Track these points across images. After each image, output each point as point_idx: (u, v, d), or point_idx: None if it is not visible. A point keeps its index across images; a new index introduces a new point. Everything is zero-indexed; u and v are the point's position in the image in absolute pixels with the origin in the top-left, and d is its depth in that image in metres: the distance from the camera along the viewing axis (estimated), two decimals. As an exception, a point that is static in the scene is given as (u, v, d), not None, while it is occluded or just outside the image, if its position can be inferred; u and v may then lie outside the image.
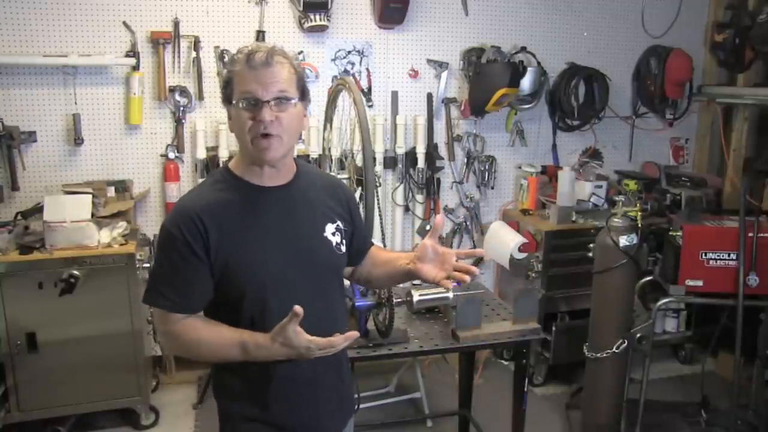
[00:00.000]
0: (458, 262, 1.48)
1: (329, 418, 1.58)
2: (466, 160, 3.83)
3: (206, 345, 1.40)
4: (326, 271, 1.52)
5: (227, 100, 1.44)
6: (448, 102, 3.73)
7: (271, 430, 1.48)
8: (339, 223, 1.56)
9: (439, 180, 3.76)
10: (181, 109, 3.31)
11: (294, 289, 1.43)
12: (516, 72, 3.47)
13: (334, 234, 1.54)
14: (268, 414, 1.48)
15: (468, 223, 3.89)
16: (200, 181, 3.01)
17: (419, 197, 3.72)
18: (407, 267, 1.53)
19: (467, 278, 1.46)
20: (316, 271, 1.49)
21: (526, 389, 2.36)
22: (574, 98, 3.86)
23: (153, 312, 1.43)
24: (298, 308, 1.29)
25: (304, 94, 1.47)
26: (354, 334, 1.39)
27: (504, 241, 3.51)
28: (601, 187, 3.68)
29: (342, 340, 1.36)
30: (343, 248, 1.56)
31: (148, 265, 2.94)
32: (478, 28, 3.73)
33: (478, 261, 3.89)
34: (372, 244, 1.76)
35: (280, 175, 1.48)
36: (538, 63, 3.74)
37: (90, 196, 2.94)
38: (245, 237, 1.41)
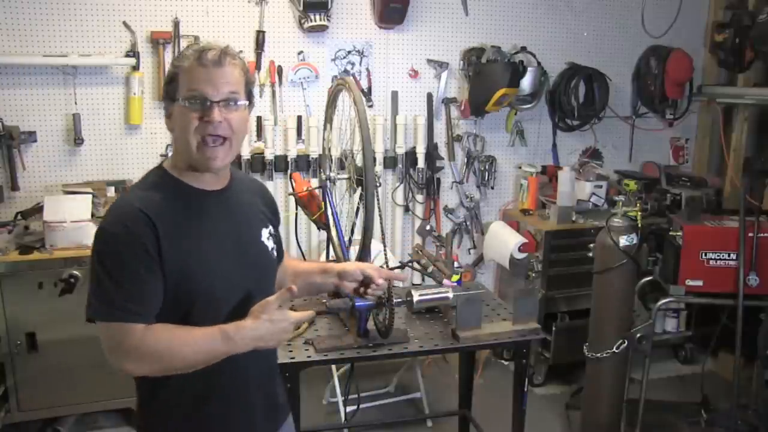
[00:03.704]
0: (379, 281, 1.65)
1: (262, 427, 1.52)
2: (466, 160, 3.83)
3: (187, 345, 1.27)
4: (268, 277, 1.49)
5: (170, 97, 1.35)
6: (448, 102, 3.73)
7: None
8: (271, 228, 1.54)
9: (439, 180, 3.76)
10: (181, 109, 3.31)
11: (245, 297, 1.38)
12: (516, 72, 3.47)
13: (268, 239, 1.50)
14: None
15: (468, 223, 3.89)
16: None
17: (419, 197, 3.72)
18: (323, 282, 1.67)
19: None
20: (261, 276, 1.45)
21: (526, 389, 2.35)
22: (574, 98, 3.86)
23: (104, 331, 1.28)
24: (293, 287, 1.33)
25: (250, 99, 1.40)
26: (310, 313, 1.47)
27: (504, 241, 3.51)
28: (601, 187, 3.68)
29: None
30: (275, 253, 1.53)
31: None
32: (478, 28, 3.73)
33: (479, 261, 3.90)
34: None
35: (219, 179, 1.42)
36: (538, 63, 3.74)
37: (90, 196, 2.94)
38: (192, 242, 1.33)
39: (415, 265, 2.78)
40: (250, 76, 1.40)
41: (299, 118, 3.50)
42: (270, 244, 1.50)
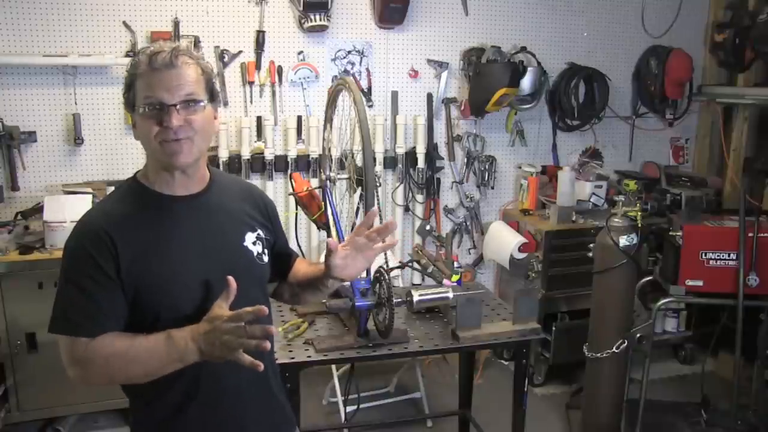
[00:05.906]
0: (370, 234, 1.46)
1: None
2: (466, 160, 3.83)
3: (132, 352, 1.25)
4: (249, 284, 1.37)
5: (130, 106, 1.32)
6: (448, 102, 3.73)
7: None
8: (260, 231, 1.47)
9: (439, 180, 3.76)
10: (181, 109, 3.31)
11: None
12: (516, 72, 3.47)
13: (254, 243, 1.44)
14: None
15: (468, 223, 3.89)
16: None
17: (419, 197, 3.72)
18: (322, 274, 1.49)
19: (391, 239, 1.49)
20: (239, 285, 1.30)
21: (526, 389, 2.36)
22: (574, 98, 3.86)
23: (58, 342, 1.31)
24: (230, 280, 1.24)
25: (213, 96, 1.36)
26: (263, 309, 1.22)
27: (504, 241, 3.51)
28: (601, 187, 3.68)
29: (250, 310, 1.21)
30: (266, 258, 1.47)
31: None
32: (478, 28, 3.73)
33: (479, 261, 3.90)
34: (297, 255, 1.66)
35: (192, 183, 1.38)
36: (538, 63, 3.74)
37: (90, 196, 2.94)
38: (157, 254, 1.30)
39: (415, 265, 2.78)
40: (210, 73, 1.36)
41: (299, 118, 3.50)
42: (256, 248, 1.44)
